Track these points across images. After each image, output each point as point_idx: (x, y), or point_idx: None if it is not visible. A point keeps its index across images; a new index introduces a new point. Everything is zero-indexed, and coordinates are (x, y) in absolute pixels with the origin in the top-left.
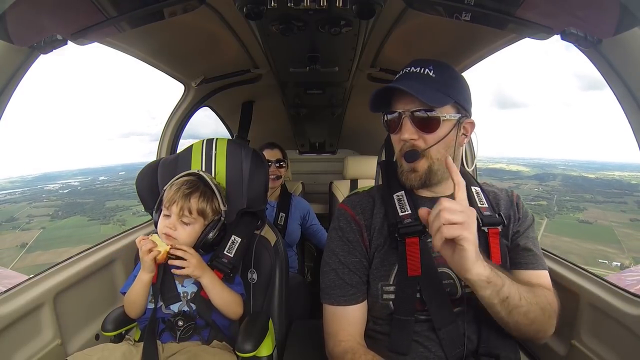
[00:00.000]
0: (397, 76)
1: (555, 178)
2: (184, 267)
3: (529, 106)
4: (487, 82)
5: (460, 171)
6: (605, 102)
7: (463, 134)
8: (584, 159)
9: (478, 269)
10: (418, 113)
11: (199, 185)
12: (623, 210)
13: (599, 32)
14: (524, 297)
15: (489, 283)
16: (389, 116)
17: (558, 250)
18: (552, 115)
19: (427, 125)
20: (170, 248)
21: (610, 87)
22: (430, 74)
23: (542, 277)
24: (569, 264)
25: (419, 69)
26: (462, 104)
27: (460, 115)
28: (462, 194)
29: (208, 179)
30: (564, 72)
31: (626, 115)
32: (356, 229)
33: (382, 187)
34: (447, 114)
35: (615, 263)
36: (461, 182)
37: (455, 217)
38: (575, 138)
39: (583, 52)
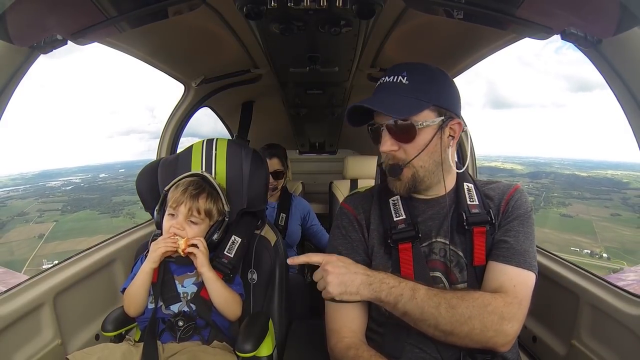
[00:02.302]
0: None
1: (548, 176)
2: (196, 256)
3: (522, 106)
4: (481, 82)
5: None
6: (595, 103)
7: (450, 135)
8: (580, 158)
9: (363, 292)
10: (394, 124)
11: (204, 186)
12: (607, 206)
13: (599, 32)
14: (429, 311)
15: (381, 302)
16: (371, 128)
17: (536, 239)
18: (546, 115)
19: (405, 135)
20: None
21: (610, 87)
22: (403, 81)
23: (506, 272)
24: (569, 264)
25: (392, 77)
26: (444, 106)
27: (442, 117)
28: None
29: (211, 180)
30: (553, 74)
31: (626, 115)
32: (358, 227)
33: (380, 189)
34: (425, 120)
35: (586, 251)
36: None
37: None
38: (571, 138)
39: (583, 52)
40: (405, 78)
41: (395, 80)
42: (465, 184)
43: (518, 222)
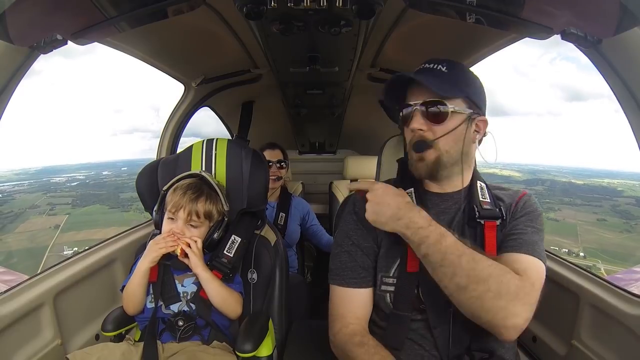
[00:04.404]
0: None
1: (544, 183)
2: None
3: (520, 114)
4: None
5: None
6: (590, 112)
7: (475, 130)
8: (579, 166)
9: (391, 225)
10: (428, 105)
11: (203, 189)
12: (595, 212)
13: (599, 32)
14: (450, 259)
15: (407, 238)
16: (404, 110)
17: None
18: (543, 123)
19: (436, 116)
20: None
21: (610, 87)
22: (443, 70)
23: (516, 260)
24: (569, 264)
25: (432, 65)
26: (474, 100)
27: (471, 111)
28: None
29: (210, 180)
30: (548, 84)
31: (626, 115)
32: None
33: (397, 183)
34: (457, 106)
35: (564, 250)
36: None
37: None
38: (569, 146)
39: (583, 52)
40: (445, 67)
41: (435, 67)
42: (478, 182)
43: (526, 218)
